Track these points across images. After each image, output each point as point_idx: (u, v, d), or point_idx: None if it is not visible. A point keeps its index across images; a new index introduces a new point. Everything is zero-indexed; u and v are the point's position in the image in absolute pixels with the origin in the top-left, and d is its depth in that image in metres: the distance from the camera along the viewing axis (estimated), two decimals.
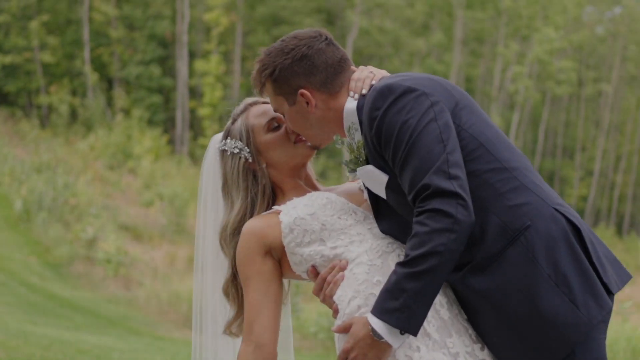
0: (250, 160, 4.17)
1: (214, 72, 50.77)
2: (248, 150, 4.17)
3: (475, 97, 51.87)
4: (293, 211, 3.97)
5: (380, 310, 3.55)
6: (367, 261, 3.82)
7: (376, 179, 3.80)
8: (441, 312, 3.73)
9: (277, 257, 4.01)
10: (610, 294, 3.71)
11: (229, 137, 4.23)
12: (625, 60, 61.65)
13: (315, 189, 4.25)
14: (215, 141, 4.33)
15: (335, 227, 3.92)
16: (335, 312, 3.83)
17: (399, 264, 3.53)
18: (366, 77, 3.93)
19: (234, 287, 4.21)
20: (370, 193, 3.92)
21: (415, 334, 3.54)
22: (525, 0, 55.56)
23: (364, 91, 3.87)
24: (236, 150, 4.19)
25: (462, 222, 3.46)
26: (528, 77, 55.31)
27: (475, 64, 58.82)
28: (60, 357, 9.78)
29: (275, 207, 4.06)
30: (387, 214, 3.88)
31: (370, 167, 3.81)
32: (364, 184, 3.97)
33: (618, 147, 62.58)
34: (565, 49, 57.41)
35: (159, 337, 14.61)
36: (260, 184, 4.17)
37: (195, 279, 4.47)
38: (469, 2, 56.25)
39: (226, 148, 4.22)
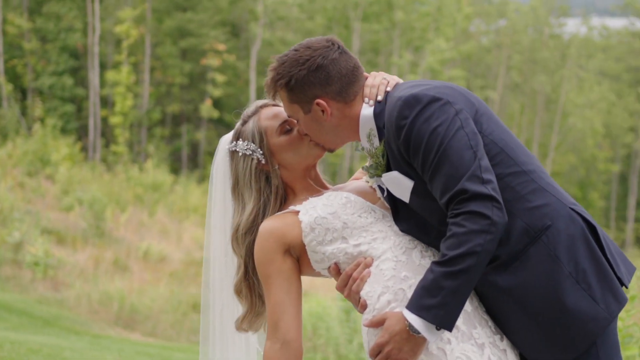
0: (263, 161, 4.02)
1: (124, 82, 50.30)
2: (261, 152, 4.02)
3: None
4: (313, 211, 3.85)
5: (417, 306, 3.50)
6: (393, 257, 3.75)
7: (401, 185, 3.73)
8: (465, 305, 3.67)
9: (296, 255, 3.89)
10: (623, 285, 3.72)
11: (240, 139, 4.06)
12: (510, 69, 62.75)
13: (324, 187, 4.13)
14: (225, 142, 4.15)
15: (357, 225, 3.83)
16: (362, 307, 3.75)
17: (435, 263, 3.49)
18: (380, 83, 3.85)
19: (247, 286, 4.08)
20: (388, 195, 3.85)
21: (450, 329, 3.51)
22: (418, 14, 56.22)
23: (379, 97, 3.80)
24: (248, 152, 4.02)
25: (498, 223, 3.43)
26: None
27: None
28: (14, 357, 9.51)
29: (292, 207, 3.93)
30: (406, 216, 3.82)
31: (395, 173, 3.73)
32: (378, 187, 3.90)
33: None
34: (455, 58, 58.13)
35: (97, 336, 14.32)
36: (272, 185, 4.03)
37: (204, 279, 4.32)
38: (365, 15, 56.60)
39: (237, 149, 4.06)
